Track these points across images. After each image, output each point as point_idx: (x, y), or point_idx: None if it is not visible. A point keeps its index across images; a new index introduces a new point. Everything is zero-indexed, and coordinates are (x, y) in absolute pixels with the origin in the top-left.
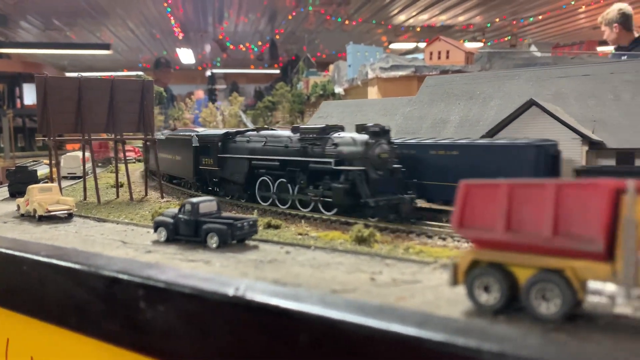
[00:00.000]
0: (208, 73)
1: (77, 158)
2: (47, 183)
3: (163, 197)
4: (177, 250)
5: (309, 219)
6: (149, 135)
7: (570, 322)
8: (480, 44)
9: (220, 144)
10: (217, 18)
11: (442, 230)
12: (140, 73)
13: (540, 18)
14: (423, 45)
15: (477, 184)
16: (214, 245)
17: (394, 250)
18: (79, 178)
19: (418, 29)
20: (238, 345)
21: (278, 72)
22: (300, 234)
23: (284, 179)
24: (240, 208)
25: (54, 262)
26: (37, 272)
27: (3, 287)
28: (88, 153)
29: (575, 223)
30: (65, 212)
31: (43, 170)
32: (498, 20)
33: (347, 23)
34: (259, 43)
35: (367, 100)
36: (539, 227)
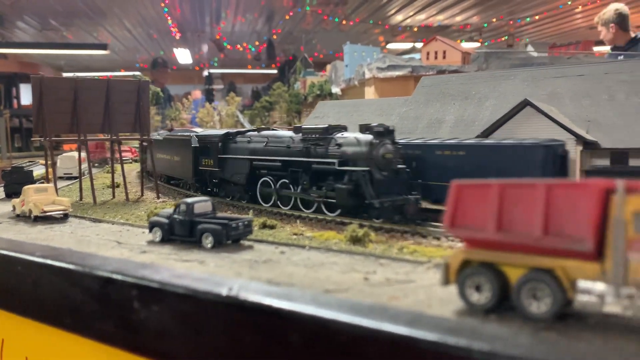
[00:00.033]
0: (205, 73)
1: (73, 158)
2: (43, 183)
3: (159, 197)
4: (172, 251)
5: (304, 219)
6: (145, 136)
7: (561, 321)
8: (478, 44)
9: (221, 145)
10: (214, 18)
11: (436, 230)
12: (138, 73)
13: (537, 18)
14: (420, 46)
15: (468, 184)
16: (209, 246)
17: (388, 250)
18: (76, 178)
19: (415, 29)
20: (232, 345)
21: (275, 72)
22: (296, 234)
23: (286, 180)
24: (236, 208)
25: (49, 262)
26: (31, 272)
27: None
28: (84, 153)
29: (566, 223)
30: (61, 212)
31: (39, 171)
32: (495, 21)
33: (344, 23)
34: (257, 43)
35: (363, 101)
36: (530, 227)
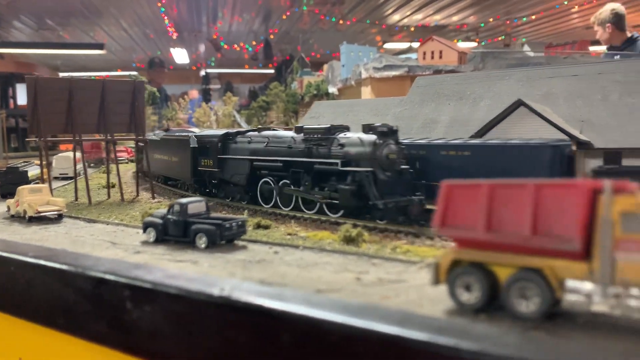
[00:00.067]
0: (202, 73)
1: (69, 159)
2: (38, 184)
3: (154, 197)
4: (165, 251)
5: (299, 219)
6: (140, 136)
7: (550, 320)
8: (474, 44)
9: (220, 145)
10: (211, 18)
11: (430, 230)
12: (134, 73)
13: (534, 18)
14: (417, 45)
15: (458, 185)
16: (203, 246)
17: (382, 250)
18: (71, 179)
19: (412, 29)
20: (224, 345)
21: (272, 72)
22: (290, 234)
23: (288, 180)
24: (231, 208)
25: (42, 263)
26: (25, 273)
27: None
28: (79, 154)
29: (554, 223)
30: (56, 213)
31: (34, 171)
32: (492, 20)
33: (341, 23)
34: (253, 43)
35: (358, 101)
36: (519, 226)
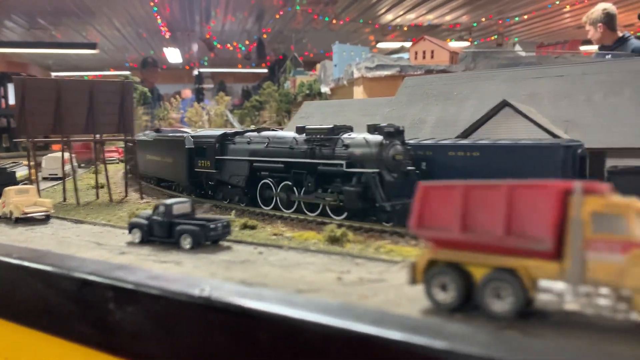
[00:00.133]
0: (195, 72)
1: (58, 159)
2: (26, 184)
3: (143, 198)
4: (150, 252)
5: (286, 220)
6: (129, 136)
7: (524, 319)
8: (467, 43)
9: (218, 146)
10: (204, 17)
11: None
12: (128, 73)
13: (526, 17)
14: (409, 45)
15: (434, 185)
16: (187, 247)
17: (365, 250)
18: (61, 179)
19: (405, 29)
20: (205, 345)
21: (266, 71)
22: (275, 235)
23: (289, 182)
24: (219, 209)
25: (26, 264)
26: (9, 274)
27: None
28: (68, 154)
29: (527, 223)
30: (43, 214)
31: (23, 172)
32: (484, 20)
33: (334, 22)
34: (247, 42)
35: (348, 101)
36: (493, 227)
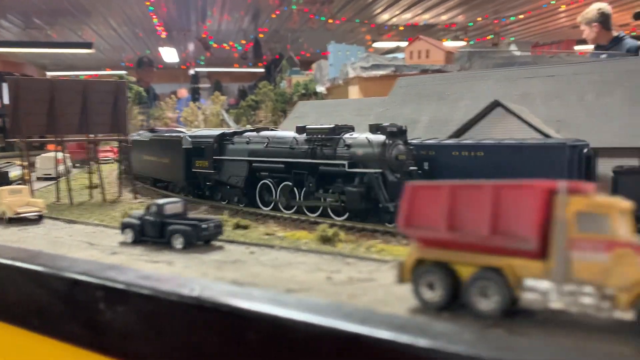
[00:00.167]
0: (191, 72)
1: (52, 159)
2: (20, 184)
3: (136, 198)
4: (142, 252)
5: (278, 219)
6: (123, 136)
7: (510, 318)
8: (463, 43)
9: (216, 146)
10: (200, 16)
11: None
12: (124, 72)
13: (522, 17)
14: (405, 45)
15: (422, 185)
16: (179, 246)
17: (356, 250)
18: (55, 179)
19: (401, 28)
20: (195, 345)
21: (262, 70)
22: (268, 234)
23: (289, 182)
24: (213, 209)
25: (17, 264)
26: (0, 274)
27: None
28: (62, 154)
29: (512, 222)
30: (35, 214)
31: (16, 172)
32: (480, 19)
33: (330, 22)
34: (243, 42)
35: (342, 101)
36: (479, 226)
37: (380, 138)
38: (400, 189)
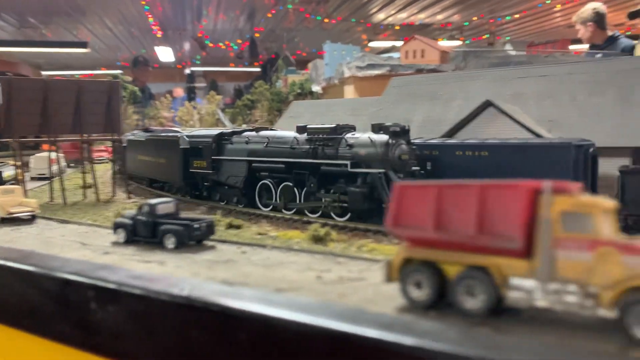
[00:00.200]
0: (187, 71)
1: (46, 159)
2: (14, 184)
3: (130, 197)
4: (134, 252)
5: (271, 219)
6: (116, 136)
7: (496, 316)
8: (459, 42)
9: (215, 145)
10: (195, 16)
11: None
12: (119, 72)
13: (517, 17)
14: (401, 44)
15: (410, 185)
16: (171, 246)
17: (348, 249)
18: (49, 179)
19: (397, 27)
20: (185, 344)
21: (258, 70)
22: (260, 234)
23: (290, 183)
24: (207, 208)
25: (9, 264)
26: None
27: None
28: (56, 154)
29: (498, 222)
30: (28, 214)
31: (10, 172)
32: (476, 19)
33: (326, 21)
34: (239, 41)
35: (336, 100)
36: (466, 226)
37: (384, 138)
38: None
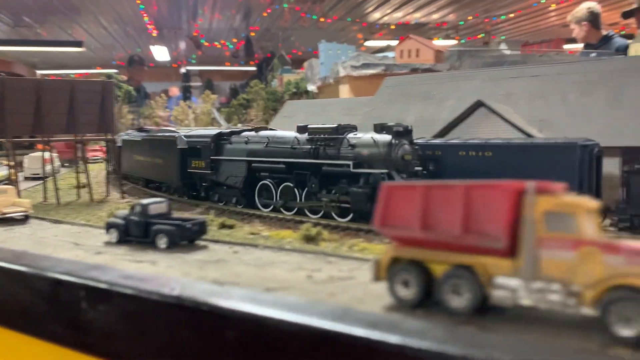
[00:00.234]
0: (183, 70)
1: (40, 159)
2: (7, 184)
3: (124, 197)
4: (127, 252)
5: (264, 219)
6: (110, 136)
7: (482, 314)
8: (454, 42)
9: (213, 145)
10: (191, 15)
11: None
12: (114, 71)
13: (512, 16)
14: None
15: (397, 186)
16: (163, 246)
17: (339, 249)
18: (43, 179)
19: (393, 27)
20: (177, 343)
21: (254, 69)
22: (253, 234)
23: (291, 183)
24: (200, 208)
25: (1, 264)
26: None
27: None
28: (50, 154)
29: (483, 222)
30: (21, 214)
31: (3, 172)
32: (471, 18)
33: (322, 20)
34: (234, 40)
35: (330, 100)
36: (451, 225)
37: (387, 138)
38: None
